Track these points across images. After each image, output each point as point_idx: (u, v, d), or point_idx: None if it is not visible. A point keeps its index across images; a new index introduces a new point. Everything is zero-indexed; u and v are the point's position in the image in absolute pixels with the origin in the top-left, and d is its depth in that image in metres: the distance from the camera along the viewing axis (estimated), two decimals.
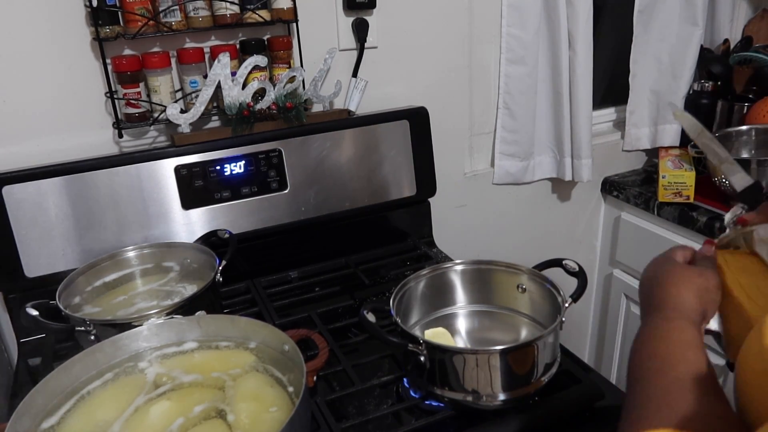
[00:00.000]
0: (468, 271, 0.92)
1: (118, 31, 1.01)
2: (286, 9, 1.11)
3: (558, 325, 0.77)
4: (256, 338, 0.75)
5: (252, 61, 1.09)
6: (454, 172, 1.45)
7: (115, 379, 0.72)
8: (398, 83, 1.33)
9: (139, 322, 0.79)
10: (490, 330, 0.91)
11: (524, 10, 1.34)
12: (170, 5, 1.02)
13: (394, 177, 1.26)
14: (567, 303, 0.79)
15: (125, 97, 1.05)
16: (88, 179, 1.02)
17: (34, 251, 1.01)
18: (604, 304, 1.72)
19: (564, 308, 0.78)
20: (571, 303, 0.79)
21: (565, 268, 0.85)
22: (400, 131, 1.25)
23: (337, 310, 1.05)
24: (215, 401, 0.68)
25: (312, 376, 0.83)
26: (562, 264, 0.85)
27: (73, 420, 0.66)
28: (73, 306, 0.91)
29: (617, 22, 1.64)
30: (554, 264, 0.86)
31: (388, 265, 1.21)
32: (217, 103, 1.12)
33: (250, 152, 1.12)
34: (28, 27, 1.00)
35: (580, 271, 0.83)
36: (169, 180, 1.08)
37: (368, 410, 0.80)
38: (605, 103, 1.71)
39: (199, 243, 1.03)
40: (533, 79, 1.41)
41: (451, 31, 1.34)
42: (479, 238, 1.53)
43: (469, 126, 1.45)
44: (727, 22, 1.63)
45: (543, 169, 1.53)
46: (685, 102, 1.57)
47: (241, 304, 1.09)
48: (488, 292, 0.92)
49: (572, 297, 0.80)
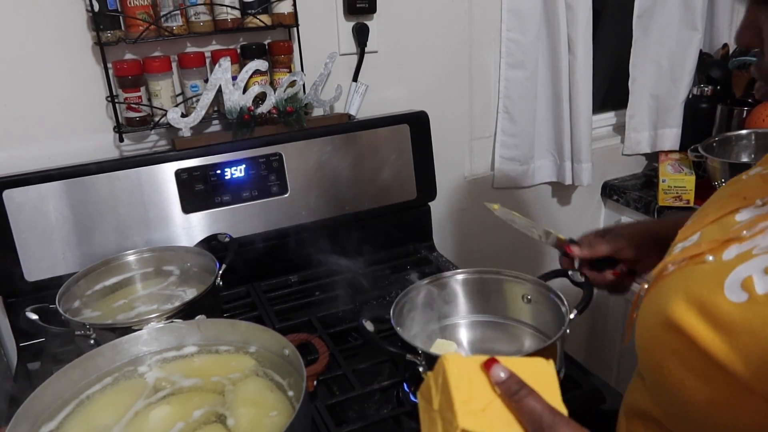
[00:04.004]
0: (472, 280, 0.90)
1: (120, 35, 1.01)
2: (286, 14, 1.11)
3: (561, 337, 0.76)
4: (256, 342, 0.75)
5: (253, 66, 1.09)
6: (454, 176, 1.45)
7: (115, 383, 0.72)
8: (398, 87, 1.33)
9: (139, 326, 0.79)
10: (493, 341, 0.89)
11: (524, 14, 1.35)
12: (171, 10, 1.02)
13: (394, 181, 1.26)
14: (572, 315, 0.77)
15: (126, 101, 1.06)
16: (89, 183, 1.02)
17: (34, 255, 1.00)
18: (603, 306, 1.71)
19: (568, 320, 0.76)
20: (576, 315, 0.77)
21: (572, 279, 0.83)
22: (401, 135, 1.25)
23: (337, 315, 1.05)
24: (215, 406, 0.67)
25: (312, 381, 0.83)
26: (567, 275, 0.83)
27: (72, 424, 0.65)
28: (73, 310, 0.91)
29: (617, 27, 1.65)
30: (560, 274, 0.84)
31: (389, 269, 1.21)
32: (217, 108, 1.12)
33: (251, 156, 1.13)
34: (29, 32, 1.00)
35: (586, 283, 0.81)
36: (169, 184, 1.08)
37: (368, 415, 0.80)
38: (605, 107, 1.71)
39: (200, 247, 1.03)
40: (533, 83, 1.41)
41: (451, 36, 1.35)
42: (479, 241, 1.53)
43: (470, 130, 1.45)
44: (726, 27, 1.64)
45: (543, 173, 1.53)
46: (685, 106, 1.58)
47: (241, 308, 1.09)
48: (492, 302, 0.90)
49: (577, 309, 0.78)
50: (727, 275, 0.47)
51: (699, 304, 0.47)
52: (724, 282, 0.47)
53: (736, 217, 0.54)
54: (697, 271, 0.51)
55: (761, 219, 0.50)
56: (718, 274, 0.48)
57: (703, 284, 0.49)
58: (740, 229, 0.51)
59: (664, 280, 0.54)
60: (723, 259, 0.49)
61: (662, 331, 0.50)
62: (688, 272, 0.52)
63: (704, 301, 0.47)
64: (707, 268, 0.50)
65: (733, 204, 0.55)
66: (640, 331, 0.55)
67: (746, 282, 0.45)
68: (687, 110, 1.58)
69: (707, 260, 0.51)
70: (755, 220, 0.51)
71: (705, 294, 0.47)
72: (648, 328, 0.53)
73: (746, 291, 0.45)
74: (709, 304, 0.46)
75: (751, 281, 0.45)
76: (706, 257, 0.51)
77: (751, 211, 0.53)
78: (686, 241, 0.57)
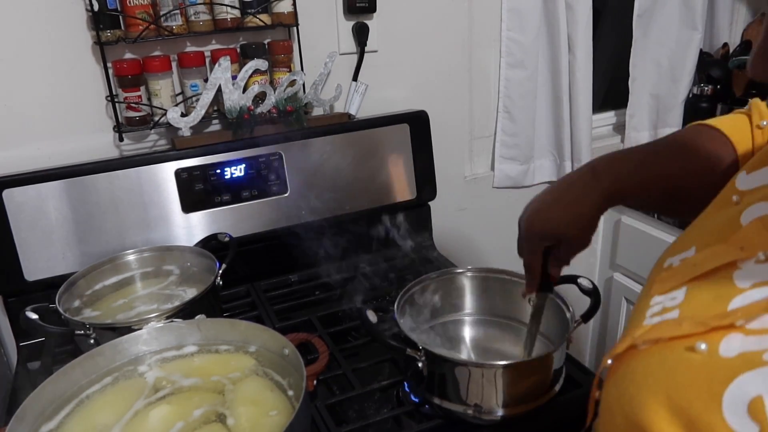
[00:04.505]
0: (478, 278, 0.90)
1: (119, 35, 1.01)
2: (286, 13, 1.11)
3: (564, 344, 0.76)
4: (256, 342, 0.75)
5: (252, 65, 1.09)
6: (454, 176, 1.45)
7: (115, 383, 0.72)
8: (398, 87, 1.33)
9: (139, 325, 0.79)
10: (496, 341, 0.89)
11: (524, 14, 1.35)
12: (171, 9, 1.02)
13: (394, 180, 1.26)
14: (576, 322, 0.77)
15: (126, 100, 1.06)
16: (89, 183, 1.02)
17: (34, 255, 1.00)
18: (605, 308, 1.71)
19: (572, 327, 0.76)
20: (580, 323, 0.77)
21: (580, 286, 0.82)
22: (401, 135, 1.25)
23: (337, 314, 1.05)
24: (215, 405, 0.67)
25: (312, 380, 0.82)
26: (576, 282, 0.82)
27: (72, 424, 0.65)
28: (73, 309, 0.91)
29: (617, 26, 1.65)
30: (569, 281, 0.83)
31: (389, 269, 1.21)
32: (217, 107, 1.12)
33: (251, 156, 1.13)
34: (29, 31, 1.00)
35: (594, 290, 0.80)
36: (169, 183, 1.08)
37: (368, 414, 0.80)
38: (605, 106, 1.71)
39: (200, 246, 1.03)
40: (533, 82, 1.41)
41: (451, 35, 1.34)
42: (479, 241, 1.53)
43: (469, 129, 1.45)
44: (726, 26, 1.64)
45: (543, 173, 1.53)
46: (685, 106, 1.58)
47: (241, 307, 1.09)
48: (497, 302, 0.90)
49: (582, 317, 0.78)
50: (726, 384, 0.35)
51: (687, 419, 0.36)
52: (723, 394, 0.35)
53: (735, 277, 0.41)
54: (682, 362, 0.38)
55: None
56: (713, 377, 0.36)
57: (692, 389, 0.37)
58: (738, 314, 0.38)
59: (634, 363, 0.42)
60: (720, 355, 0.37)
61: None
62: (670, 360, 0.39)
63: (695, 418, 0.35)
64: (697, 361, 0.38)
65: (728, 254, 0.43)
66: (603, 427, 0.45)
67: (755, 405, 0.33)
68: (687, 110, 1.58)
69: (698, 349, 0.38)
70: (759, 308, 0.37)
71: (696, 407, 0.36)
72: (614, 427, 0.42)
73: (755, 420, 0.33)
74: (703, 427, 0.35)
75: (762, 405, 0.33)
76: (698, 345, 0.38)
77: (752, 269, 0.41)
78: (666, 296, 0.44)
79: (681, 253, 0.48)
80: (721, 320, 0.38)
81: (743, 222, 0.45)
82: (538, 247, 0.72)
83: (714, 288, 0.42)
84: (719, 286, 0.41)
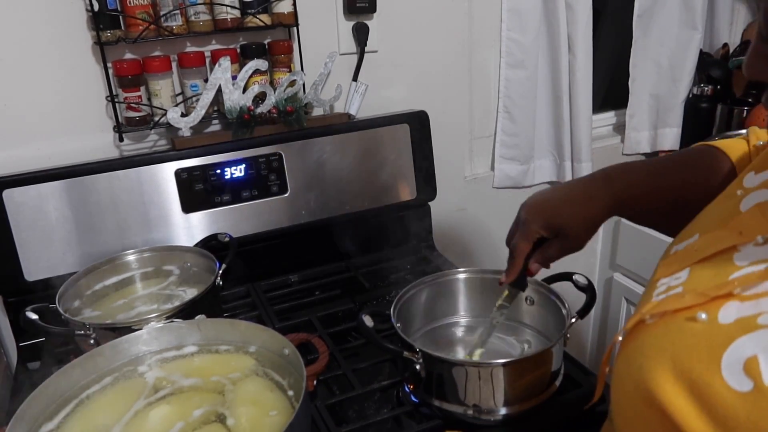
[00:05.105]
0: (474, 279, 0.90)
1: (119, 35, 1.01)
2: (286, 13, 1.11)
3: (561, 340, 0.76)
4: (256, 342, 0.75)
5: (252, 65, 1.09)
6: (454, 176, 1.45)
7: (115, 383, 0.72)
8: (398, 87, 1.33)
9: (139, 326, 0.79)
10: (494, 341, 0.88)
11: (524, 14, 1.35)
12: (171, 9, 1.02)
13: (394, 181, 1.26)
14: (572, 319, 0.77)
15: (126, 100, 1.06)
16: (89, 183, 1.02)
17: (34, 255, 1.00)
18: (605, 308, 1.71)
19: (569, 324, 0.76)
20: (576, 319, 0.77)
21: (575, 282, 0.83)
22: (401, 135, 1.25)
23: (337, 314, 1.05)
24: (215, 405, 0.67)
25: (312, 380, 0.83)
26: (572, 278, 0.83)
27: (72, 424, 0.65)
28: (73, 310, 0.91)
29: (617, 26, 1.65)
30: (564, 278, 0.84)
31: (389, 269, 1.21)
32: (217, 107, 1.12)
33: (251, 156, 1.13)
34: (29, 31, 1.00)
35: (590, 287, 0.81)
36: (169, 183, 1.08)
37: (368, 414, 0.80)
38: (605, 106, 1.71)
39: (200, 246, 1.03)
40: (533, 82, 1.41)
41: (451, 35, 1.34)
42: (479, 241, 1.53)
43: (470, 129, 1.45)
44: (726, 27, 1.64)
45: (543, 173, 1.53)
46: (685, 106, 1.58)
47: (241, 307, 1.09)
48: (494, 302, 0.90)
49: (578, 313, 0.78)
50: (725, 347, 0.39)
51: (689, 381, 0.39)
52: (722, 357, 0.38)
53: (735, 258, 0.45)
54: (685, 331, 0.42)
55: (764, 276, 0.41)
56: (713, 342, 0.40)
57: (694, 354, 0.40)
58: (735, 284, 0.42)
59: (643, 336, 0.46)
60: (719, 321, 0.41)
61: (643, 405, 0.43)
62: (674, 330, 0.43)
63: (696, 378, 0.39)
64: (698, 329, 0.41)
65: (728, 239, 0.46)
66: (616, 396, 0.48)
67: (750, 364, 0.37)
68: (687, 110, 1.58)
69: (699, 318, 0.42)
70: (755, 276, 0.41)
71: (697, 369, 0.39)
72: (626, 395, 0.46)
73: (750, 377, 0.36)
74: (703, 386, 0.39)
75: (756, 364, 0.37)
76: (698, 314, 0.42)
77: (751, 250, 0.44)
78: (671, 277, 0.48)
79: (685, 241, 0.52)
80: (719, 290, 0.42)
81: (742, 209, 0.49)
82: (532, 236, 0.73)
83: (715, 267, 0.46)
84: (720, 266, 0.45)
